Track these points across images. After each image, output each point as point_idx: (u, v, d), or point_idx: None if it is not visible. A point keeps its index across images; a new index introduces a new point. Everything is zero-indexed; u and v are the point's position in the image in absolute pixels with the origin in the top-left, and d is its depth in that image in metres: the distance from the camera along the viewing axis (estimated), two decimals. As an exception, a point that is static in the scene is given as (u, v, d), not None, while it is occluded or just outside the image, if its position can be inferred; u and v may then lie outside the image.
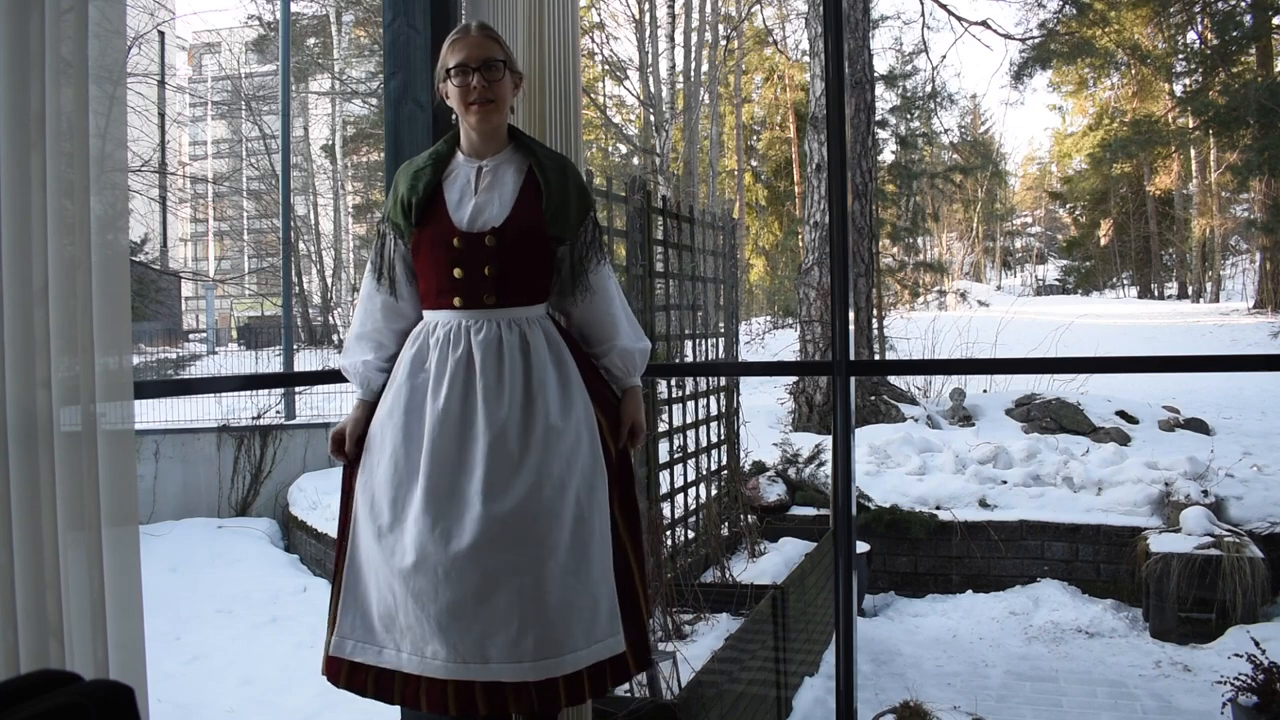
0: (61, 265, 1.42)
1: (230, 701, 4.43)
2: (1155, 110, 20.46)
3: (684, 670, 3.18)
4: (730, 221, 5.79)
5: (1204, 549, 4.91)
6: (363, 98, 21.58)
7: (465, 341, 1.78)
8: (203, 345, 21.65)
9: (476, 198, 1.82)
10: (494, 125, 1.85)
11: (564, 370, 1.82)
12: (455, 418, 1.73)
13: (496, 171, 1.86)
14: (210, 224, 33.58)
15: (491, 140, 1.87)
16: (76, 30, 1.45)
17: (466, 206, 1.82)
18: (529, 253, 1.82)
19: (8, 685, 0.97)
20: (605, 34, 18.09)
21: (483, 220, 1.80)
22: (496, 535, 1.67)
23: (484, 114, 1.81)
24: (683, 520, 4.77)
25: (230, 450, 9.00)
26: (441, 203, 1.83)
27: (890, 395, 9.30)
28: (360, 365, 1.89)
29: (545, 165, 1.85)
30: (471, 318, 1.79)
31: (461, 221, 1.80)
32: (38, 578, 1.39)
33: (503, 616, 1.66)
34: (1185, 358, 4.42)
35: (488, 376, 1.75)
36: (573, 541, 1.73)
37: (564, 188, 1.84)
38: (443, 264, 1.80)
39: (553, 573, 1.69)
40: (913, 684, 4.16)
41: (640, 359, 1.96)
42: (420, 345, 1.82)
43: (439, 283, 1.81)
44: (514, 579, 1.67)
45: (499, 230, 1.79)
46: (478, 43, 1.81)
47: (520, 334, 1.79)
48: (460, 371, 1.76)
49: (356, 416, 1.89)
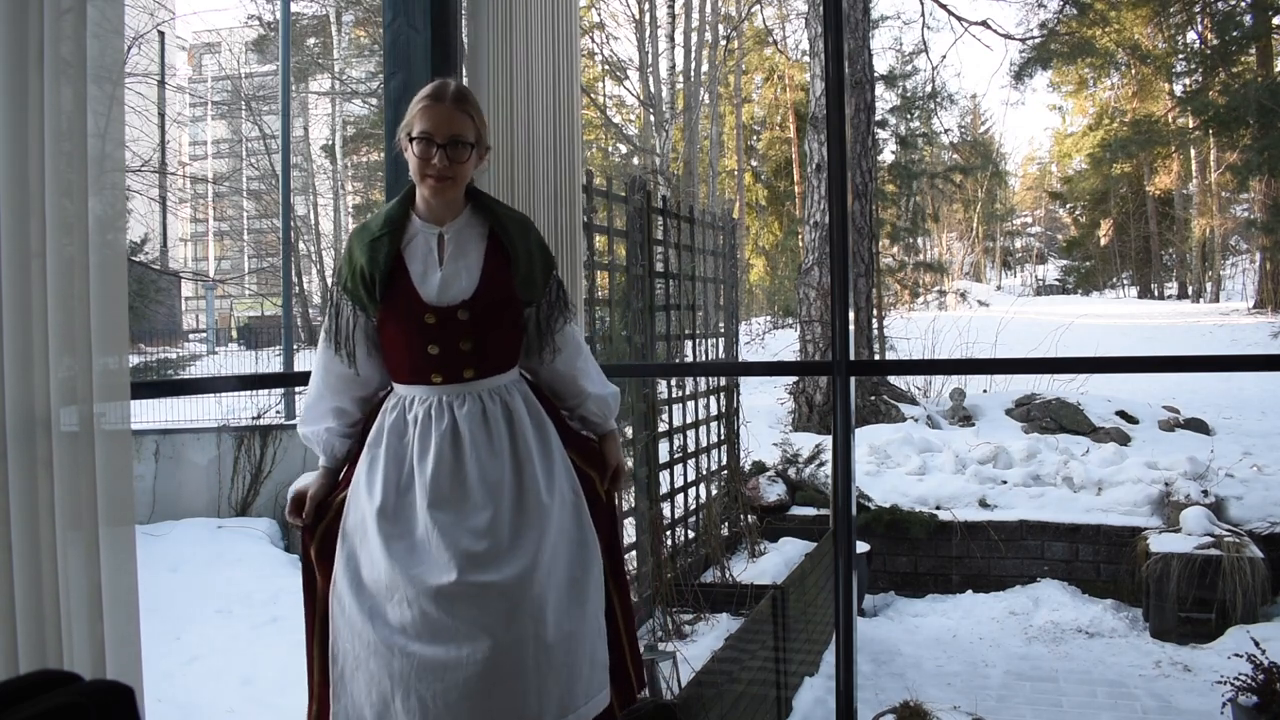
0: (60, 265, 1.42)
1: (230, 701, 4.42)
2: (1155, 110, 20.45)
3: (684, 670, 3.18)
4: (730, 221, 5.79)
5: (1204, 549, 4.91)
6: (363, 98, 21.57)
7: (449, 416, 1.73)
8: (203, 345, 21.65)
9: (443, 269, 1.74)
10: (449, 199, 1.77)
11: (544, 434, 1.80)
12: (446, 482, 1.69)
13: (458, 238, 1.77)
14: (210, 224, 33.57)
15: (449, 207, 1.78)
16: (76, 30, 1.45)
17: (433, 279, 1.73)
18: (501, 321, 1.77)
19: (8, 685, 0.97)
20: (605, 34, 18.11)
21: (453, 293, 1.72)
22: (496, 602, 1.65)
23: (439, 189, 1.73)
24: (683, 520, 4.77)
25: (230, 450, 8.99)
26: (405, 274, 1.74)
27: (890, 395, 9.30)
28: (324, 432, 1.83)
29: (508, 228, 1.79)
30: (452, 393, 1.74)
31: (430, 296, 1.72)
32: (36, 577, 1.39)
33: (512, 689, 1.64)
34: (1185, 358, 4.43)
35: (476, 441, 1.71)
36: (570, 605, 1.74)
37: (529, 250, 1.80)
38: (415, 341, 1.73)
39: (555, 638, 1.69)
40: (913, 684, 4.16)
41: (614, 403, 1.96)
42: (397, 419, 1.76)
43: (413, 360, 1.74)
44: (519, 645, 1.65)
45: (469, 302, 1.72)
46: (449, 117, 1.70)
47: (503, 404, 1.77)
48: (447, 439, 1.71)
49: (321, 482, 1.84)
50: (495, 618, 1.64)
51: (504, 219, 1.80)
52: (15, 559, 1.37)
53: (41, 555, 1.40)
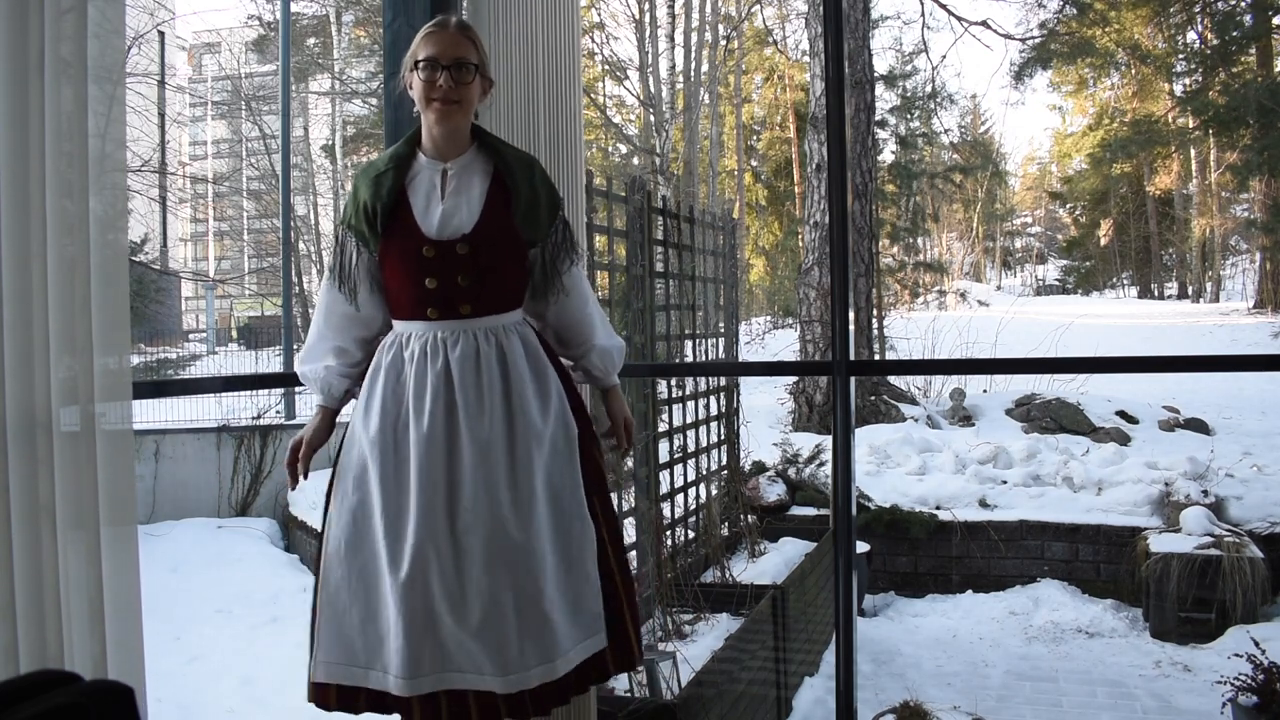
0: (61, 265, 1.42)
1: (230, 701, 4.42)
2: (1155, 110, 20.44)
3: (684, 670, 3.18)
4: (730, 221, 5.79)
5: (1204, 549, 4.91)
6: (363, 98, 21.56)
7: (443, 356, 1.73)
8: (203, 345, 21.64)
9: (444, 203, 1.75)
10: (454, 126, 1.77)
11: (543, 381, 1.78)
12: (440, 439, 1.70)
13: (462, 175, 1.78)
14: (210, 224, 33.56)
15: (453, 141, 1.79)
16: (76, 30, 1.45)
17: (435, 213, 1.74)
18: (502, 258, 1.76)
19: (8, 685, 0.97)
20: (605, 34, 18.10)
21: (453, 227, 1.73)
22: (488, 553, 1.67)
23: (444, 113, 1.74)
24: (683, 520, 4.77)
25: (230, 450, 8.99)
26: (407, 208, 1.75)
27: (890, 395, 9.31)
28: (322, 370, 1.84)
29: (512, 166, 1.79)
30: (447, 329, 1.74)
31: (431, 229, 1.73)
32: (37, 577, 1.39)
33: (499, 631, 1.66)
34: (1185, 358, 4.43)
35: (467, 393, 1.71)
36: (559, 550, 1.73)
37: (532, 188, 1.79)
38: (414, 275, 1.73)
39: (544, 584, 1.69)
40: (913, 684, 4.16)
41: (618, 356, 1.94)
42: (394, 356, 1.76)
43: (411, 294, 1.75)
44: (508, 594, 1.67)
45: (470, 236, 1.73)
46: (453, 40, 1.74)
47: (498, 345, 1.75)
48: (440, 388, 1.71)
49: (316, 425, 1.86)
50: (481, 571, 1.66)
51: (508, 156, 1.81)
52: (15, 559, 1.37)
53: (42, 555, 1.40)
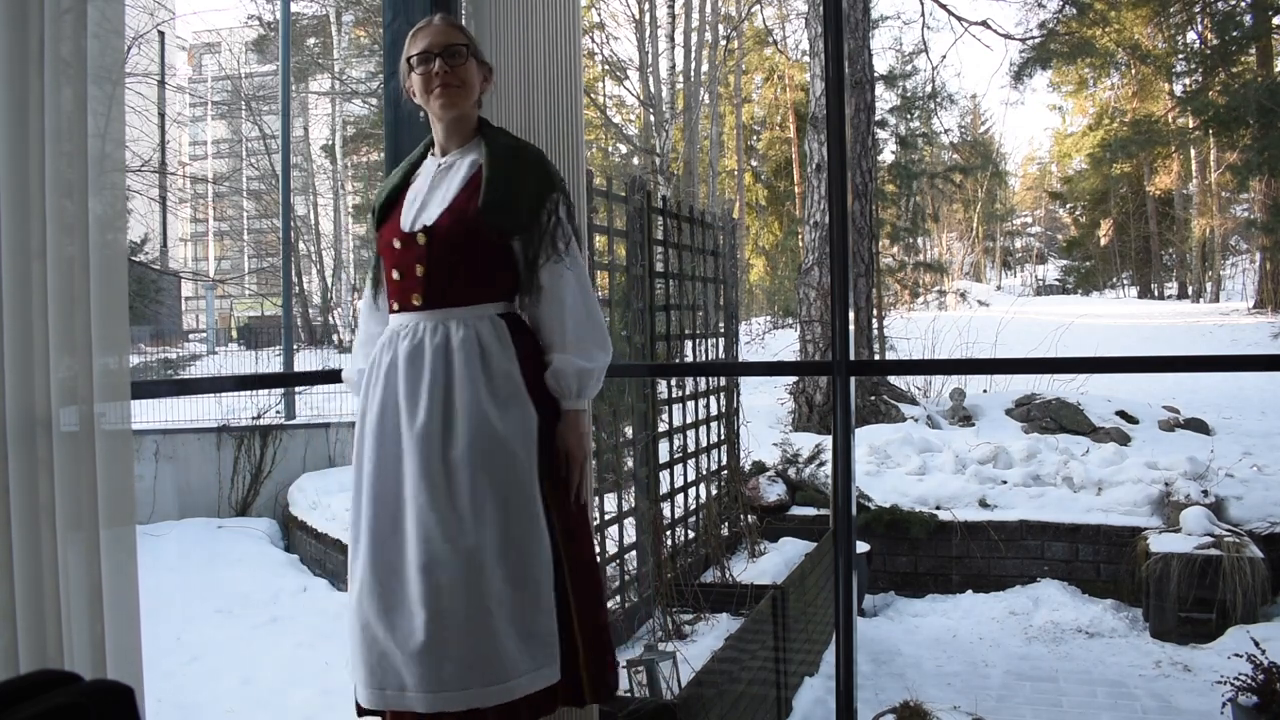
0: (60, 265, 1.42)
1: (230, 701, 4.42)
2: (1155, 110, 20.44)
3: (684, 670, 3.18)
4: (730, 221, 5.79)
5: (1204, 549, 4.91)
6: (363, 98, 21.57)
7: (392, 350, 1.74)
8: (203, 345, 21.64)
9: (426, 196, 1.78)
10: (460, 112, 1.78)
11: (500, 375, 1.69)
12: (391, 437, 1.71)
13: (453, 167, 1.80)
14: (210, 224, 33.58)
15: (458, 131, 1.80)
16: (75, 30, 1.44)
17: (414, 206, 1.78)
18: (463, 249, 1.71)
19: (7, 685, 0.97)
20: (605, 34, 18.10)
21: (421, 219, 1.75)
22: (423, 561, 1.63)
23: (447, 98, 1.75)
24: (683, 520, 4.77)
25: (230, 450, 8.99)
26: (400, 204, 1.81)
27: (890, 395, 9.30)
28: (355, 375, 1.90)
29: (495, 155, 1.75)
30: (402, 322, 1.76)
31: (406, 223, 1.77)
32: (36, 577, 1.39)
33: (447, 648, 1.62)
34: (1185, 358, 4.42)
35: (408, 386, 1.69)
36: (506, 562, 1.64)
37: (509, 177, 1.72)
38: (387, 268, 1.79)
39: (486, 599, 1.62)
40: (913, 684, 4.16)
41: (575, 380, 1.73)
42: (378, 352, 1.80)
43: (389, 286, 1.81)
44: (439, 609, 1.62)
45: (430, 228, 1.72)
46: (440, 30, 1.77)
47: (445, 337, 1.69)
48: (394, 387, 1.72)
49: None
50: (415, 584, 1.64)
51: (495, 145, 1.77)
52: (15, 559, 1.37)
53: (42, 555, 1.40)
